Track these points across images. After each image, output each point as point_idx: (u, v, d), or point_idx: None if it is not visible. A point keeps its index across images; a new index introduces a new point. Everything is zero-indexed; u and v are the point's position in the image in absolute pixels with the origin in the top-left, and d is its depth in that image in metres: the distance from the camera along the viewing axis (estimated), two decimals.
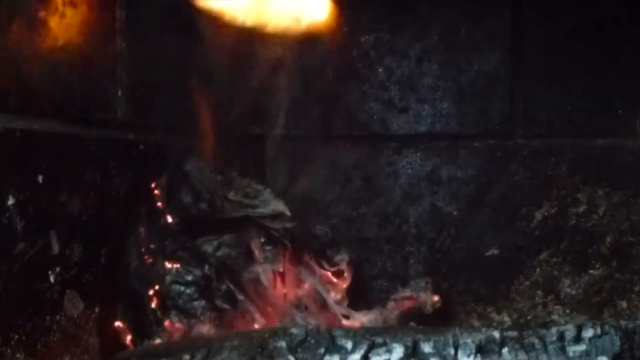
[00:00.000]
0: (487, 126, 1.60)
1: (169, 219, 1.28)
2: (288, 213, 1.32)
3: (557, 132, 1.58)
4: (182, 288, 1.25)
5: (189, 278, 1.26)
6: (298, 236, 1.54)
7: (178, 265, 1.25)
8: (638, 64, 1.55)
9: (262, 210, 1.31)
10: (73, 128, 1.14)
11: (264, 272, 1.31)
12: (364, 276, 1.63)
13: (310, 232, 1.63)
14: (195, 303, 1.25)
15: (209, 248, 1.29)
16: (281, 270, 1.35)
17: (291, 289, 1.36)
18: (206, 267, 1.27)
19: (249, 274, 1.30)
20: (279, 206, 1.32)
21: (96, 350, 1.21)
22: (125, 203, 1.28)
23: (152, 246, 1.25)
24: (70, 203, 1.13)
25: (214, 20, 1.51)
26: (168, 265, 1.25)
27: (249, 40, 1.61)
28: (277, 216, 1.32)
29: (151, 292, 1.24)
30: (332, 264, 1.43)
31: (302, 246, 1.42)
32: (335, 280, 1.41)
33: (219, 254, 1.29)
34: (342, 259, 1.43)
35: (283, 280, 1.35)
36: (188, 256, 1.27)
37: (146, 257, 1.25)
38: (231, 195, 1.30)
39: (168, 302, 1.24)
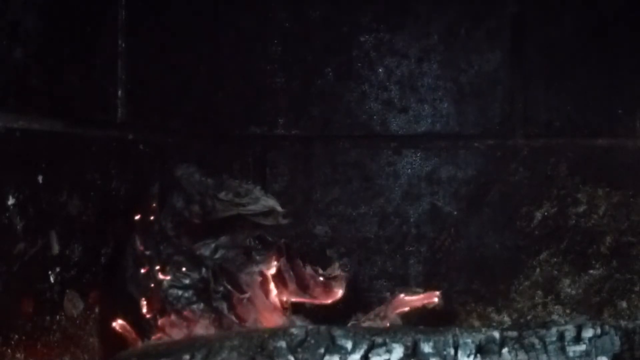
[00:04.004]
0: (487, 126, 1.60)
1: (163, 225, 1.28)
2: (279, 209, 1.32)
3: (557, 132, 1.58)
4: (180, 292, 1.25)
5: (187, 281, 1.26)
6: (295, 240, 1.54)
7: (175, 270, 1.25)
8: (638, 64, 1.55)
9: (253, 208, 1.31)
10: (73, 128, 1.14)
11: (257, 274, 1.31)
12: (364, 276, 1.63)
13: (310, 232, 1.63)
14: (194, 306, 1.25)
15: (206, 251, 1.29)
16: (273, 273, 1.35)
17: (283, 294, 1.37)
18: (203, 270, 1.27)
19: (246, 276, 1.30)
20: (270, 202, 1.32)
21: (96, 350, 1.21)
22: (125, 203, 1.28)
23: (147, 252, 1.25)
24: (70, 203, 1.13)
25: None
26: (165, 270, 1.25)
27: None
28: (269, 213, 1.31)
29: (149, 297, 1.24)
30: (328, 271, 1.42)
31: (299, 251, 1.42)
32: (330, 287, 1.41)
33: (216, 256, 1.29)
34: (335, 270, 1.43)
35: (277, 284, 1.36)
36: (184, 260, 1.27)
37: (142, 263, 1.25)
38: (222, 195, 1.30)
39: (166, 307, 1.24)
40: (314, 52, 1.63)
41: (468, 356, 1.04)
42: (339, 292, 1.41)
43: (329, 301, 1.41)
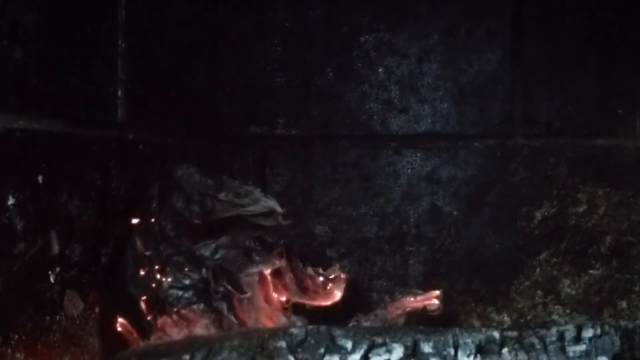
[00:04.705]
0: (487, 126, 1.60)
1: (163, 225, 1.28)
2: (279, 210, 1.32)
3: (557, 132, 1.58)
4: (180, 292, 1.25)
5: (187, 282, 1.26)
6: (295, 240, 1.54)
7: (175, 270, 1.25)
8: (638, 64, 1.55)
9: (252, 208, 1.31)
10: (73, 128, 1.14)
11: (257, 274, 1.31)
12: (364, 276, 1.63)
13: (310, 232, 1.63)
14: (194, 306, 1.25)
15: (206, 252, 1.29)
16: (272, 274, 1.35)
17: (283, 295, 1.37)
18: (203, 270, 1.27)
19: (246, 276, 1.30)
20: (269, 203, 1.32)
21: (96, 350, 1.21)
22: (125, 203, 1.28)
23: (147, 253, 1.25)
24: (70, 203, 1.13)
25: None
26: (165, 270, 1.25)
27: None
28: (268, 214, 1.32)
29: (149, 297, 1.24)
30: (328, 273, 1.42)
31: (299, 252, 1.42)
32: (330, 289, 1.41)
33: (216, 257, 1.29)
34: (335, 271, 1.43)
35: (277, 285, 1.36)
36: (184, 260, 1.27)
37: (142, 263, 1.25)
38: (222, 196, 1.30)
39: (167, 307, 1.24)
40: (314, 52, 1.63)
41: (468, 356, 1.04)
42: (339, 294, 1.42)
43: (329, 303, 1.41)
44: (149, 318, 1.24)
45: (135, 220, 1.28)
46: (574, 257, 1.59)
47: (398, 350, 1.04)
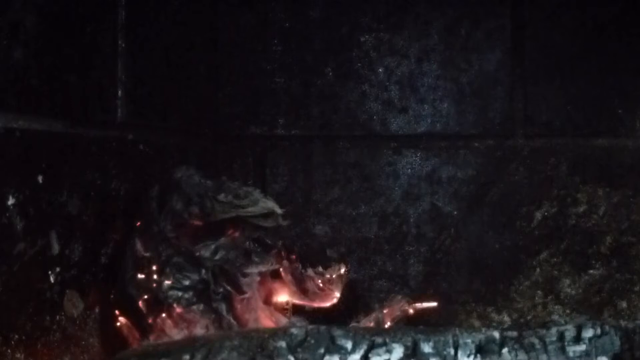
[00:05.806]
0: (487, 126, 1.60)
1: (163, 226, 1.28)
2: (279, 211, 1.32)
3: (557, 132, 1.58)
4: (180, 293, 1.25)
5: (187, 283, 1.26)
6: (295, 240, 1.54)
7: (175, 271, 1.25)
8: (638, 64, 1.55)
9: (252, 210, 1.31)
10: (73, 128, 1.14)
11: (257, 275, 1.32)
12: (364, 276, 1.63)
13: (310, 232, 1.63)
14: (194, 307, 1.25)
15: (205, 253, 1.29)
16: (272, 275, 1.35)
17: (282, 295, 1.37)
18: (203, 271, 1.27)
19: (245, 277, 1.30)
20: (269, 204, 1.32)
21: (96, 350, 1.21)
22: (125, 203, 1.28)
23: (147, 254, 1.25)
24: (70, 203, 1.13)
25: None
26: (165, 271, 1.25)
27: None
28: (268, 215, 1.32)
29: (149, 298, 1.24)
30: (330, 272, 1.42)
31: (299, 253, 1.42)
32: (329, 291, 1.41)
33: (216, 258, 1.29)
34: (336, 271, 1.43)
35: (275, 287, 1.36)
36: (184, 261, 1.27)
37: (142, 264, 1.25)
38: (221, 197, 1.30)
39: (166, 307, 1.24)
40: (314, 52, 1.63)
41: (468, 356, 1.04)
42: (337, 296, 1.42)
43: (327, 304, 1.41)
44: (148, 319, 1.24)
45: (135, 221, 1.28)
46: (574, 257, 1.59)
47: (398, 350, 1.04)
